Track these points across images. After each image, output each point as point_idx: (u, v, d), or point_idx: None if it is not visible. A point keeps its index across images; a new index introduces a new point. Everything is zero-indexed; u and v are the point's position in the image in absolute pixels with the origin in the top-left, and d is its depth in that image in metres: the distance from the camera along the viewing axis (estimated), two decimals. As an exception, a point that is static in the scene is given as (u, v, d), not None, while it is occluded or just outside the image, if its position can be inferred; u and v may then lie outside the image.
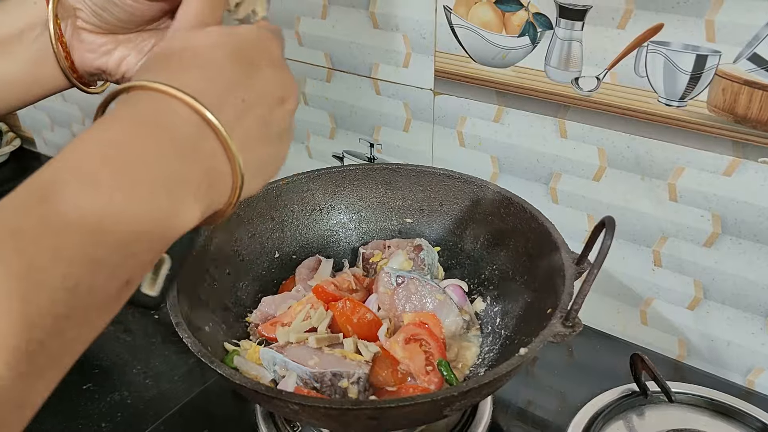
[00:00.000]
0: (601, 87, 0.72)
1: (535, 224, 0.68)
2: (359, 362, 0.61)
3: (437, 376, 0.63)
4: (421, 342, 0.64)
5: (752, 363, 0.77)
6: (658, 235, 0.76)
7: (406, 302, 0.69)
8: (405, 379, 0.63)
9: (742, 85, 0.64)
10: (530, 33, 0.74)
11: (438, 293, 0.69)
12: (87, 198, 0.29)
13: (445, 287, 0.72)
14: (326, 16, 0.89)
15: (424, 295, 0.69)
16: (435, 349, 0.64)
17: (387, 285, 0.70)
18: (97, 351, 0.87)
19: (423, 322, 0.66)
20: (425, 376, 0.63)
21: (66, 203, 0.28)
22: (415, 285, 0.69)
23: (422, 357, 0.64)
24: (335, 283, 0.72)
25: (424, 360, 0.64)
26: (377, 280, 0.71)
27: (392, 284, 0.70)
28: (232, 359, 0.63)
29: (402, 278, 0.70)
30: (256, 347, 0.65)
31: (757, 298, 0.73)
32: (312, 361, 0.60)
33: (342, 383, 0.58)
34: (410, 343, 0.64)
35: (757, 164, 0.67)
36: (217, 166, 0.35)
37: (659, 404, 0.72)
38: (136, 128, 0.32)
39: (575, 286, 0.57)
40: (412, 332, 0.65)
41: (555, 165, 0.80)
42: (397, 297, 0.69)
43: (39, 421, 0.80)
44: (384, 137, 0.93)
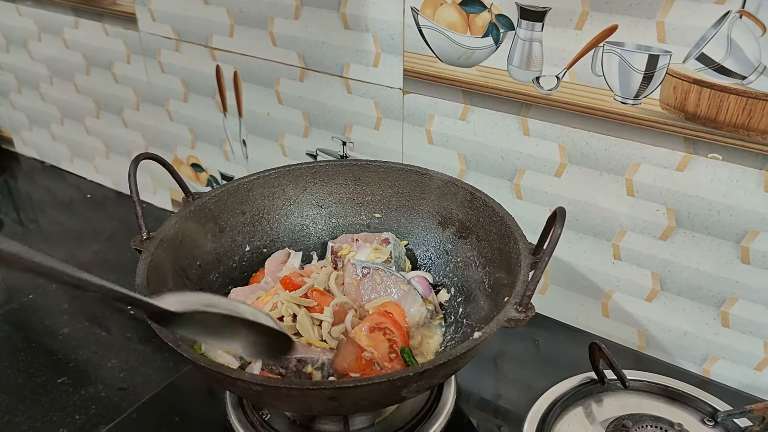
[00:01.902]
0: (560, 86, 0.75)
1: (496, 217, 0.70)
2: (323, 349, 0.63)
3: (400, 364, 0.65)
4: (385, 330, 0.66)
5: (707, 352, 0.80)
6: (617, 229, 0.79)
7: (372, 292, 0.71)
8: (369, 366, 0.65)
9: (692, 84, 0.67)
10: (493, 34, 0.76)
11: (402, 284, 0.71)
12: None
13: (410, 278, 0.74)
14: (299, 16, 0.91)
15: (389, 285, 0.71)
16: (398, 337, 0.66)
17: (353, 275, 0.72)
18: (73, 346, 0.88)
19: (387, 312, 0.68)
20: (389, 363, 0.65)
21: None
22: (380, 276, 0.72)
23: (386, 345, 0.66)
24: (303, 274, 0.74)
25: (388, 348, 0.66)
26: (344, 272, 0.73)
27: (358, 275, 0.72)
28: (200, 346, 0.65)
29: (367, 269, 0.72)
30: None
31: (710, 289, 0.76)
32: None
33: (306, 369, 0.60)
34: (375, 332, 0.66)
35: (707, 159, 0.70)
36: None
37: (616, 391, 0.75)
38: None
39: (530, 275, 0.59)
40: (376, 321, 0.67)
41: (518, 162, 0.82)
42: (362, 287, 0.71)
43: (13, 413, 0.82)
44: (356, 135, 0.95)
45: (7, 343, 0.89)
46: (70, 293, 0.98)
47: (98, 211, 1.28)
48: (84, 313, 0.95)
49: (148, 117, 1.19)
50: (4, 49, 1.35)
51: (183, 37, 1.05)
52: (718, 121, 0.67)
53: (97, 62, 1.20)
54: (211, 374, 0.53)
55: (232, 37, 0.99)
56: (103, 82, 1.22)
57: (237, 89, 1.04)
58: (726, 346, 0.78)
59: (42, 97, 1.36)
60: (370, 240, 0.79)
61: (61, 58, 1.25)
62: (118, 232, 1.17)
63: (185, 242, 0.73)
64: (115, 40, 1.14)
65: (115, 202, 1.30)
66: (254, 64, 0.99)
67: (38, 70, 1.32)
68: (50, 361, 0.86)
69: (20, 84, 1.39)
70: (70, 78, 1.27)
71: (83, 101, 1.28)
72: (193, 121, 1.13)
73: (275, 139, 1.04)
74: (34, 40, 1.28)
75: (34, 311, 0.96)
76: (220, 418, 0.73)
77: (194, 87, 1.09)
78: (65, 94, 1.31)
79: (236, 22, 0.97)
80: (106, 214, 1.26)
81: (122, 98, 1.21)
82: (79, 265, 0.99)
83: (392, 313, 0.68)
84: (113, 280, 0.45)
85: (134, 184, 0.69)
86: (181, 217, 0.73)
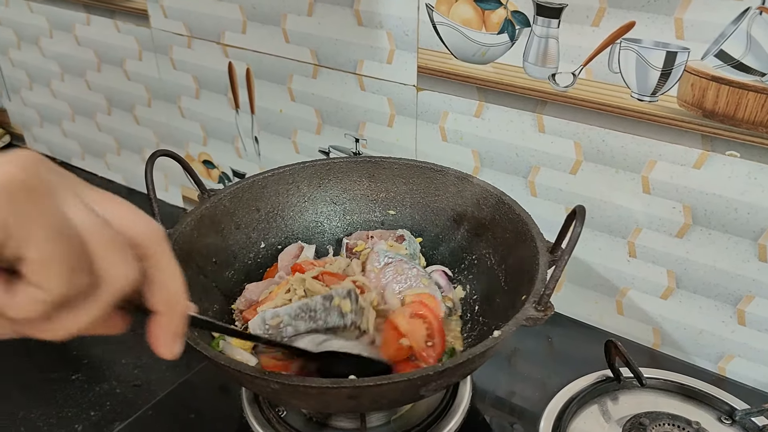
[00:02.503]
0: (576, 83, 0.74)
1: (512, 215, 0.70)
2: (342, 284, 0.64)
3: (436, 352, 0.66)
4: (424, 318, 0.67)
5: (723, 350, 0.79)
6: (633, 226, 0.79)
7: (393, 282, 0.72)
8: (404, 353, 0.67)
9: (710, 81, 0.66)
10: (509, 30, 0.76)
11: (424, 277, 0.72)
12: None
13: (431, 272, 0.74)
14: (312, 13, 0.91)
15: (410, 277, 0.72)
16: (436, 328, 0.67)
17: (375, 263, 0.72)
18: (86, 343, 0.88)
19: (424, 303, 0.69)
20: (424, 351, 0.66)
21: None
22: (402, 267, 0.72)
23: (424, 333, 0.67)
24: (316, 263, 0.75)
25: (425, 336, 0.67)
26: (367, 259, 0.74)
27: (380, 263, 0.72)
28: (218, 344, 0.65)
29: (390, 259, 0.72)
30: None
31: (726, 287, 0.75)
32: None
33: (334, 302, 0.61)
34: (414, 318, 0.68)
35: (725, 157, 0.69)
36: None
37: (632, 389, 0.75)
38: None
39: (549, 273, 0.59)
40: (417, 309, 0.68)
41: (533, 159, 0.82)
42: (383, 276, 0.71)
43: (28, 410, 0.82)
44: (369, 132, 0.95)
45: (22, 340, 0.89)
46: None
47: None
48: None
49: (160, 114, 1.19)
50: (16, 45, 1.35)
51: (195, 34, 1.05)
52: (736, 118, 0.66)
53: (108, 59, 1.20)
54: (231, 372, 0.53)
55: (245, 33, 0.99)
56: (114, 79, 1.22)
57: (249, 86, 1.04)
58: (742, 344, 0.78)
59: (53, 93, 1.37)
60: (385, 237, 0.79)
61: (72, 55, 1.26)
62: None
63: (201, 239, 0.73)
64: (127, 36, 1.14)
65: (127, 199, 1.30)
66: (267, 61, 0.99)
67: (50, 67, 1.32)
68: (64, 358, 0.86)
69: (32, 81, 1.39)
70: (81, 75, 1.27)
71: (95, 98, 1.29)
72: (205, 118, 1.13)
73: (288, 136, 1.04)
74: (45, 37, 1.28)
75: (47, 308, 0.96)
76: (235, 415, 0.74)
77: (206, 84, 1.09)
78: (77, 90, 1.31)
79: (249, 19, 0.97)
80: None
81: (134, 95, 1.21)
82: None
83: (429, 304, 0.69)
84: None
85: (151, 181, 0.69)
86: (197, 214, 0.73)
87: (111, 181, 1.37)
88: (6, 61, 1.41)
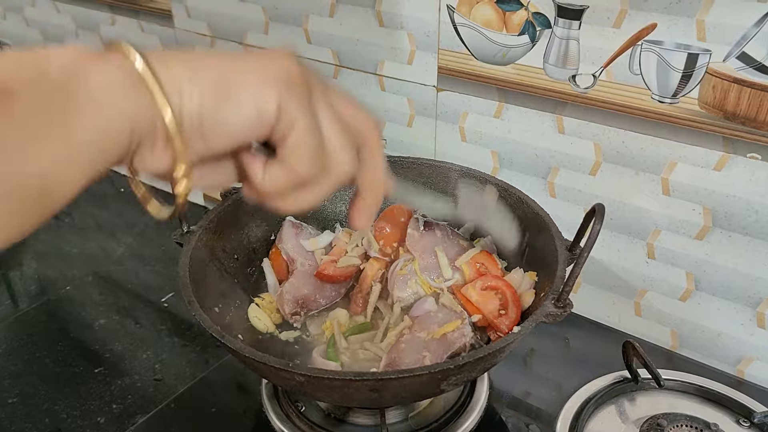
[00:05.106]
0: (597, 84, 0.75)
1: (531, 214, 0.71)
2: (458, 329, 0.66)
3: (509, 320, 0.67)
4: (497, 290, 0.69)
5: (742, 353, 0.79)
6: (652, 228, 0.79)
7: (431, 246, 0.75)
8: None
9: (732, 83, 0.67)
10: (530, 32, 0.77)
11: (462, 239, 0.76)
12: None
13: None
14: (334, 14, 0.92)
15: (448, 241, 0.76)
16: (510, 298, 0.68)
17: (415, 227, 0.76)
18: (108, 338, 0.90)
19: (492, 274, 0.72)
20: (497, 318, 0.67)
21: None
22: (442, 232, 0.76)
23: (497, 303, 0.68)
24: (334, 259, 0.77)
25: (498, 305, 0.68)
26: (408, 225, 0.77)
27: (420, 228, 0.76)
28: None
29: (430, 225, 0.77)
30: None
31: (746, 289, 0.75)
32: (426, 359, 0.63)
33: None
34: (487, 290, 0.69)
35: (746, 159, 0.69)
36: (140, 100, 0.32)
37: (650, 390, 0.75)
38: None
39: (567, 271, 0.59)
40: (490, 283, 0.70)
41: (553, 160, 0.82)
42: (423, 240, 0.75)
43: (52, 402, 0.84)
44: (388, 132, 0.96)
45: (45, 334, 0.91)
46: (103, 286, 1.00)
47: (131, 205, 1.29)
48: (117, 305, 0.97)
49: (181, 113, 1.21)
50: (42, 45, 1.38)
51: (218, 34, 1.06)
52: (758, 121, 0.67)
53: (131, 59, 1.22)
54: (254, 364, 0.54)
55: (267, 34, 1.00)
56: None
57: (270, 86, 1.05)
58: (761, 347, 0.77)
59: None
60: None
61: (96, 55, 1.28)
62: (151, 226, 1.18)
63: (223, 237, 0.74)
64: (151, 36, 1.16)
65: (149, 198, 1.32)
66: (288, 62, 1.00)
67: (74, 67, 1.34)
68: (87, 352, 0.88)
69: (55, 80, 1.41)
70: (104, 74, 1.29)
71: (117, 97, 1.30)
72: (226, 117, 1.14)
73: (307, 136, 1.05)
74: (71, 37, 1.30)
75: (69, 303, 0.98)
76: (255, 410, 0.75)
77: (228, 84, 1.10)
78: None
79: (271, 20, 0.98)
80: (139, 209, 1.26)
81: (156, 94, 1.23)
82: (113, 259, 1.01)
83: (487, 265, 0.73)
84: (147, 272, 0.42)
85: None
86: (218, 211, 0.74)
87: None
88: (31, 60, 1.43)
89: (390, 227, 0.78)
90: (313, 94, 0.37)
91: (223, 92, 0.34)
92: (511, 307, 0.67)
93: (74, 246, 1.12)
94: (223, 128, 0.34)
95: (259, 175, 0.37)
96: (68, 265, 1.07)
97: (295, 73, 0.36)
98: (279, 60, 0.36)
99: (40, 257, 1.11)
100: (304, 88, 0.36)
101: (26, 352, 0.88)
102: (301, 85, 0.36)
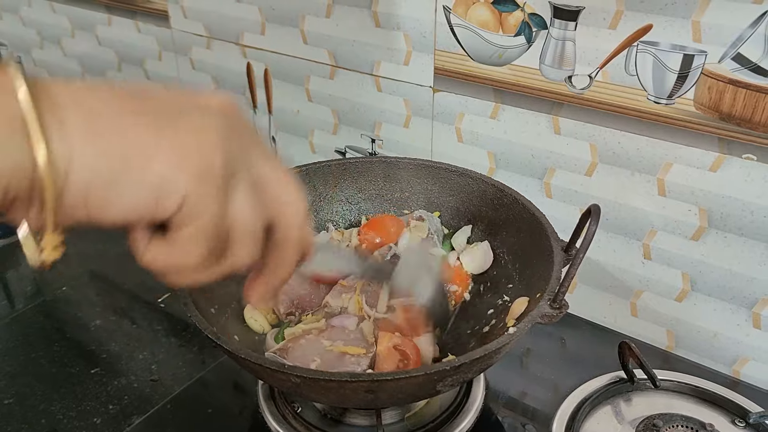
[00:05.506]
0: (593, 85, 0.75)
1: (527, 214, 0.71)
2: (358, 357, 0.64)
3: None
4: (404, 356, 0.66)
5: (738, 353, 0.79)
6: (648, 228, 0.79)
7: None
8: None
9: (727, 84, 0.67)
10: (526, 32, 0.77)
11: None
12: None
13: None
14: (330, 14, 0.92)
15: None
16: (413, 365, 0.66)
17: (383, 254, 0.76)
18: (104, 338, 0.90)
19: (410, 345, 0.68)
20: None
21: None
22: None
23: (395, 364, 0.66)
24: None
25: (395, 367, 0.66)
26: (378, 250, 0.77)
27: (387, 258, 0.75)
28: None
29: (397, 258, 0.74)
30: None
31: (741, 290, 0.76)
32: (314, 363, 0.63)
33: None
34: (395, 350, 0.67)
35: (742, 160, 0.69)
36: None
37: (646, 391, 0.75)
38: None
39: (563, 272, 0.60)
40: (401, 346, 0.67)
41: (549, 160, 0.82)
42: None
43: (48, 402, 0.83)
44: (385, 133, 0.96)
45: (42, 334, 0.91)
46: (99, 286, 1.00)
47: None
48: (113, 306, 0.97)
49: (178, 113, 1.21)
50: (38, 45, 1.38)
51: (214, 35, 1.06)
52: (753, 122, 0.67)
53: (129, 59, 1.22)
54: (250, 366, 0.54)
55: (264, 34, 1.00)
56: (134, 79, 1.24)
57: (267, 86, 1.05)
58: (757, 348, 0.78)
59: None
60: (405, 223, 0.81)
61: (93, 55, 1.28)
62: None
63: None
64: (147, 37, 1.16)
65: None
66: (285, 62, 1.00)
67: (71, 66, 1.34)
68: (83, 352, 0.88)
69: (52, 80, 1.41)
70: (102, 74, 1.29)
71: (114, 97, 1.30)
72: (223, 117, 1.14)
73: (304, 136, 1.05)
74: (67, 37, 1.30)
75: (66, 303, 0.98)
76: (252, 411, 0.74)
77: (224, 84, 1.10)
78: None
79: (267, 20, 0.98)
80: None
81: (152, 95, 1.23)
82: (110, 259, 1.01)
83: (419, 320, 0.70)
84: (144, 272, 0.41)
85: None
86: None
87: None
88: (29, 60, 1.43)
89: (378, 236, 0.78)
90: (237, 171, 0.33)
91: (123, 164, 0.29)
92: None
93: (70, 246, 1.12)
94: (111, 205, 0.30)
95: (141, 248, 0.34)
96: (64, 265, 1.07)
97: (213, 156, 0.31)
98: (204, 135, 0.31)
99: (36, 257, 1.10)
100: (219, 176, 0.32)
101: (22, 353, 0.87)
102: (215, 172, 0.31)
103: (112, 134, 0.29)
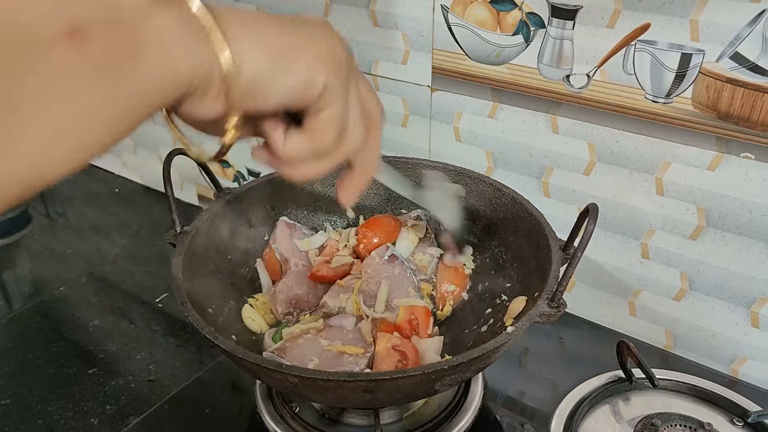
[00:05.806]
0: (591, 84, 0.75)
1: (525, 213, 0.71)
2: (356, 356, 0.64)
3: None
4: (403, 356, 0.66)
5: (736, 352, 0.79)
6: (646, 227, 0.79)
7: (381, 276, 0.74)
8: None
9: (725, 83, 0.67)
10: (524, 32, 0.77)
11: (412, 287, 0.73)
12: None
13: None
14: (328, 14, 0.91)
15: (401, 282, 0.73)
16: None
17: (380, 253, 0.75)
18: (102, 338, 0.89)
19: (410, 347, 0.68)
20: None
21: None
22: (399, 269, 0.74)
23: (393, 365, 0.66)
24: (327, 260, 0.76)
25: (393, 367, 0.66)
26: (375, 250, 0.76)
27: (384, 258, 0.74)
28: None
29: (394, 257, 0.74)
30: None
31: (740, 289, 0.75)
32: (312, 363, 0.63)
33: None
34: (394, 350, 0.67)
35: (740, 159, 0.69)
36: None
37: (644, 390, 0.75)
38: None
39: (561, 271, 0.59)
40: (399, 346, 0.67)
41: (547, 159, 0.82)
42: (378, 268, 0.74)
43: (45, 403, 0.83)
44: (383, 132, 0.95)
45: (39, 335, 0.91)
46: (97, 286, 1.00)
47: (126, 205, 1.29)
48: (111, 306, 0.96)
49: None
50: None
51: (212, 34, 1.06)
52: (751, 121, 0.67)
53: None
54: (248, 365, 0.53)
55: (261, 34, 1.00)
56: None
57: (265, 86, 1.05)
58: (755, 347, 0.78)
59: None
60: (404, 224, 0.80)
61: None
62: (146, 227, 1.18)
63: (217, 237, 0.74)
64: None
65: (143, 197, 1.32)
66: (282, 61, 1.00)
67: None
68: (80, 353, 0.88)
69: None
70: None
71: (111, 97, 1.30)
72: (220, 117, 1.14)
73: (302, 136, 1.05)
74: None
75: (63, 303, 0.98)
76: (250, 411, 0.74)
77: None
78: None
79: (265, 20, 0.98)
80: (134, 209, 1.27)
81: (150, 94, 1.22)
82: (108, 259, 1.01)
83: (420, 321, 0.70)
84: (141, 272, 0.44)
85: (168, 179, 0.69)
86: (213, 212, 0.74)
87: (127, 179, 1.38)
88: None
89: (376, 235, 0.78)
90: (350, 77, 0.40)
91: (281, 60, 0.36)
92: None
93: (68, 246, 1.12)
94: (273, 91, 0.37)
95: (281, 140, 0.40)
96: (62, 265, 1.07)
97: (341, 56, 0.39)
98: (330, 41, 0.39)
99: (33, 257, 1.10)
100: (345, 71, 0.39)
101: (19, 353, 0.87)
102: (343, 68, 0.39)
103: (268, 39, 0.36)
